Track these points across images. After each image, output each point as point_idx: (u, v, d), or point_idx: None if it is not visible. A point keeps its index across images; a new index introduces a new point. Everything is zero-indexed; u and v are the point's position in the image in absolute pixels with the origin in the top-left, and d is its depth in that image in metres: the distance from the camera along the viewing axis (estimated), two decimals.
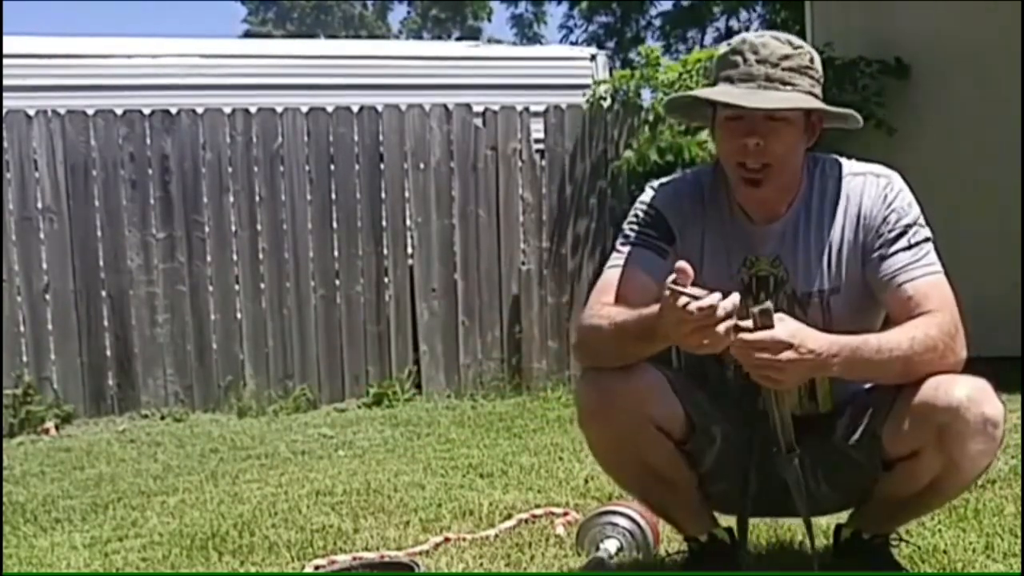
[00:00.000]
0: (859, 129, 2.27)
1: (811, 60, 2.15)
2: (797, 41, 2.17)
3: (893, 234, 2.16)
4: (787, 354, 1.97)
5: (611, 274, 2.24)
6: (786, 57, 2.11)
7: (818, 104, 2.14)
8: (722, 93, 2.11)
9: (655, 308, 1.98)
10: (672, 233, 2.23)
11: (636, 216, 2.29)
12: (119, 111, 6.00)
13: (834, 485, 2.25)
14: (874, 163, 2.28)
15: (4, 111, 5.83)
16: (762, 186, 2.15)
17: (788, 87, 2.10)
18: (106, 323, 5.93)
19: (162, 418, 5.88)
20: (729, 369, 2.29)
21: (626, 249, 2.25)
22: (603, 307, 2.18)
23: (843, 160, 2.28)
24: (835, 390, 2.25)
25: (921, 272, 2.14)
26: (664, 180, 2.36)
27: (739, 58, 2.12)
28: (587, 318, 2.19)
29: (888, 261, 2.15)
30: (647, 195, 2.31)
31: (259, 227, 6.13)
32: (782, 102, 2.09)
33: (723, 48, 2.20)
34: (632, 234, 2.26)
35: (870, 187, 2.20)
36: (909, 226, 2.17)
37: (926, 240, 2.17)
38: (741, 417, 2.27)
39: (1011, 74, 5.76)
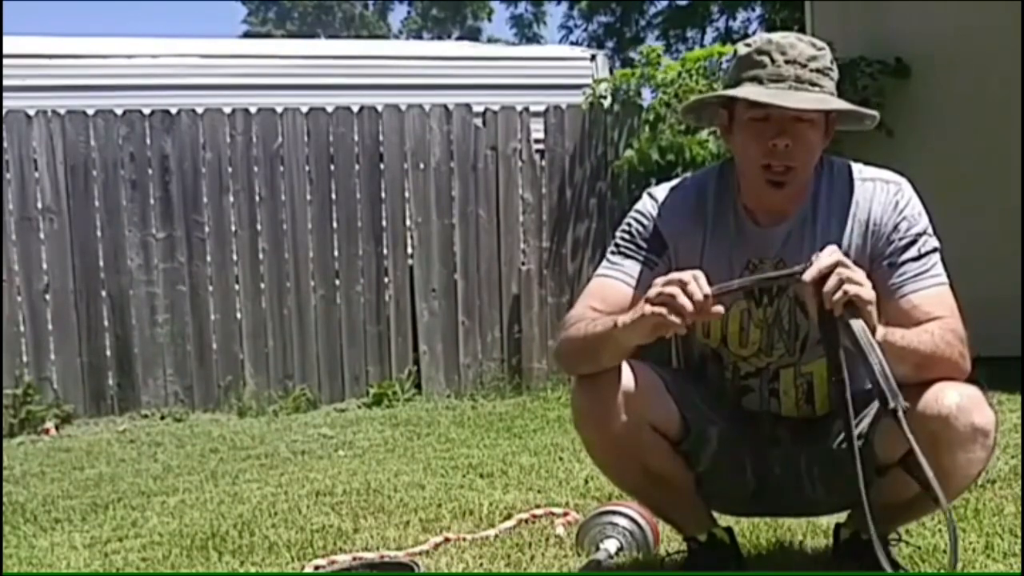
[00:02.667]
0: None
1: (831, 61, 2.15)
2: (819, 43, 2.16)
3: (904, 242, 2.15)
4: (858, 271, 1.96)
5: (597, 283, 2.26)
6: (813, 58, 2.10)
7: (848, 105, 2.14)
8: (757, 93, 2.09)
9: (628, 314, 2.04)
10: (663, 243, 2.22)
11: (628, 225, 2.28)
12: (119, 111, 6.00)
13: (828, 488, 2.26)
14: (879, 167, 2.27)
15: (4, 111, 5.83)
16: (785, 188, 2.15)
17: (816, 88, 2.09)
18: (106, 323, 5.93)
19: (162, 418, 5.88)
20: (728, 369, 2.29)
21: (615, 259, 2.25)
22: (582, 315, 2.18)
23: (852, 164, 2.26)
24: (831, 393, 2.25)
25: (929, 282, 2.14)
26: (662, 187, 2.34)
27: (766, 58, 2.10)
28: (566, 326, 2.20)
29: (898, 269, 2.14)
30: (641, 203, 2.30)
31: (259, 227, 6.13)
32: (821, 103, 2.08)
33: (744, 49, 2.16)
34: (622, 244, 2.27)
35: (880, 193, 2.19)
36: (920, 235, 2.16)
37: (934, 250, 2.17)
38: (738, 418, 2.27)
39: (1011, 74, 5.76)
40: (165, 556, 2.92)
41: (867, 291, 1.95)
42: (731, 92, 2.15)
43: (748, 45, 2.17)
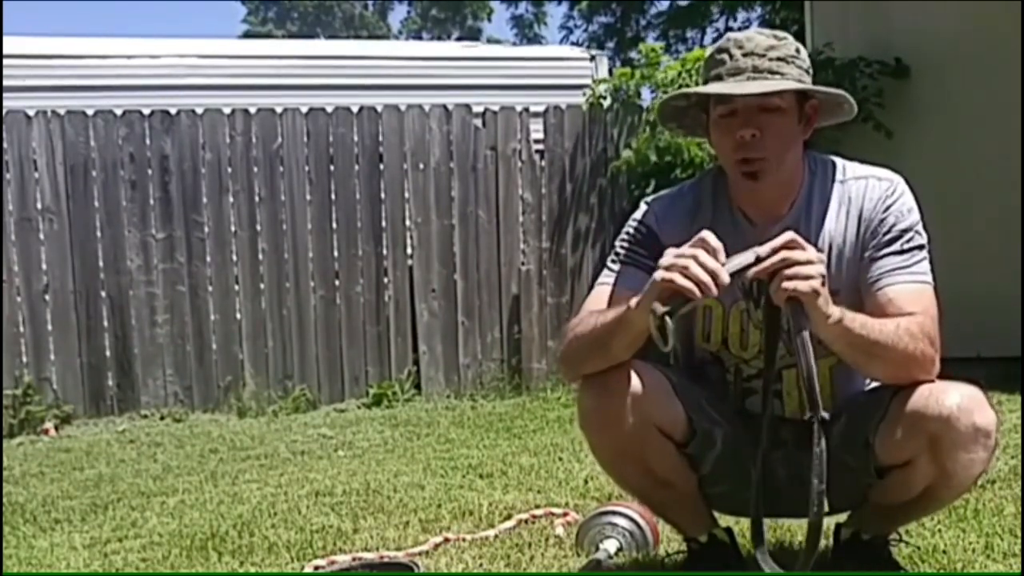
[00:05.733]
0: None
1: (797, 50, 2.15)
2: (781, 34, 2.17)
3: (887, 237, 2.14)
4: (810, 251, 1.94)
5: (598, 291, 2.25)
6: (772, 48, 2.11)
7: (805, 86, 2.13)
8: (710, 88, 2.11)
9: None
10: (663, 249, 2.22)
11: (627, 234, 2.28)
12: (119, 111, 6.00)
13: (829, 489, 2.25)
14: (877, 166, 2.27)
15: (4, 111, 5.83)
16: (760, 178, 2.13)
17: (777, 76, 2.09)
18: (106, 323, 5.93)
19: (162, 418, 5.88)
20: (730, 372, 2.29)
21: (616, 267, 2.25)
22: (587, 316, 2.18)
23: (847, 163, 2.26)
24: (835, 393, 2.25)
25: (907, 278, 2.11)
26: (659, 194, 2.36)
27: (725, 55, 2.12)
28: (571, 329, 2.19)
29: (876, 263, 2.13)
30: (639, 212, 2.31)
31: (259, 227, 6.13)
32: (769, 87, 2.08)
33: (710, 49, 2.19)
34: (622, 252, 2.26)
35: (872, 190, 2.18)
36: (905, 231, 2.14)
37: (920, 248, 2.15)
38: (741, 420, 2.27)
39: (1011, 74, 5.76)
40: (165, 556, 2.92)
41: (807, 284, 1.93)
42: (685, 90, 2.19)
43: (714, 46, 2.19)
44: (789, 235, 1.97)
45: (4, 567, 2.91)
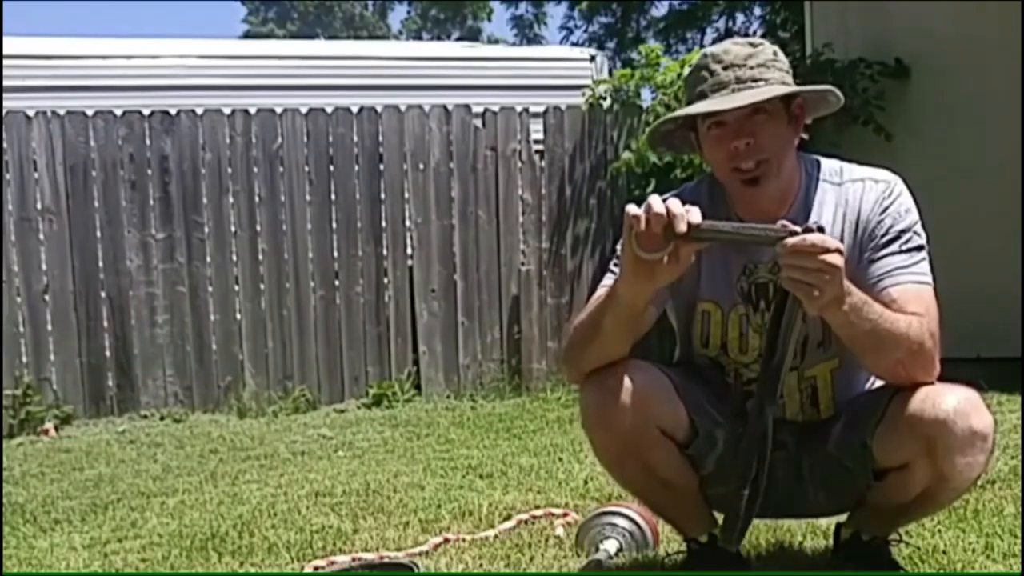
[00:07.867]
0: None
1: (775, 53, 2.16)
2: (757, 40, 2.19)
3: (886, 238, 2.14)
4: (835, 257, 1.87)
5: (599, 294, 2.24)
6: (750, 56, 2.13)
7: (792, 88, 2.14)
8: (701, 107, 2.12)
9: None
10: None
11: None
12: (118, 112, 6.00)
13: (828, 491, 2.26)
14: (875, 167, 2.27)
15: (4, 111, 5.83)
16: (761, 183, 2.14)
17: (760, 83, 2.11)
18: (105, 324, 5.93)
19: (162, 419, 5.88)
20: (730, 376, 2.29)
21: (616, 269, 2.25)
22: (580, 312, 2.19)
23: (843, 164, 2.26)
24: (836, 396, 2.25)
25: (909, 278, 2.11)
26: (659, 197, 2.36)
27: (705, 72, 2.13)
28: (568, 329, 2.20)
29: (877, 264, 2.13)
30: None
31: (258, 228, 6.13)
32: (757, 96, 2.09)
33: (689, 69, 2.20)
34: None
35: (869, 192, 2.19)
36: (903, 231, 2.14)
37: (919, 248, 2.15)
38: (743, 421, 2.27)
39: (1011, 74, 5.76)
40: (165, 557, 2.92)
41: (814, 299, 1.89)
42: (673, 114, 2.21)
43: (692, 65, 2.20)
44: (797, 240, 1.88)
45: (4, 567, 2.91)
